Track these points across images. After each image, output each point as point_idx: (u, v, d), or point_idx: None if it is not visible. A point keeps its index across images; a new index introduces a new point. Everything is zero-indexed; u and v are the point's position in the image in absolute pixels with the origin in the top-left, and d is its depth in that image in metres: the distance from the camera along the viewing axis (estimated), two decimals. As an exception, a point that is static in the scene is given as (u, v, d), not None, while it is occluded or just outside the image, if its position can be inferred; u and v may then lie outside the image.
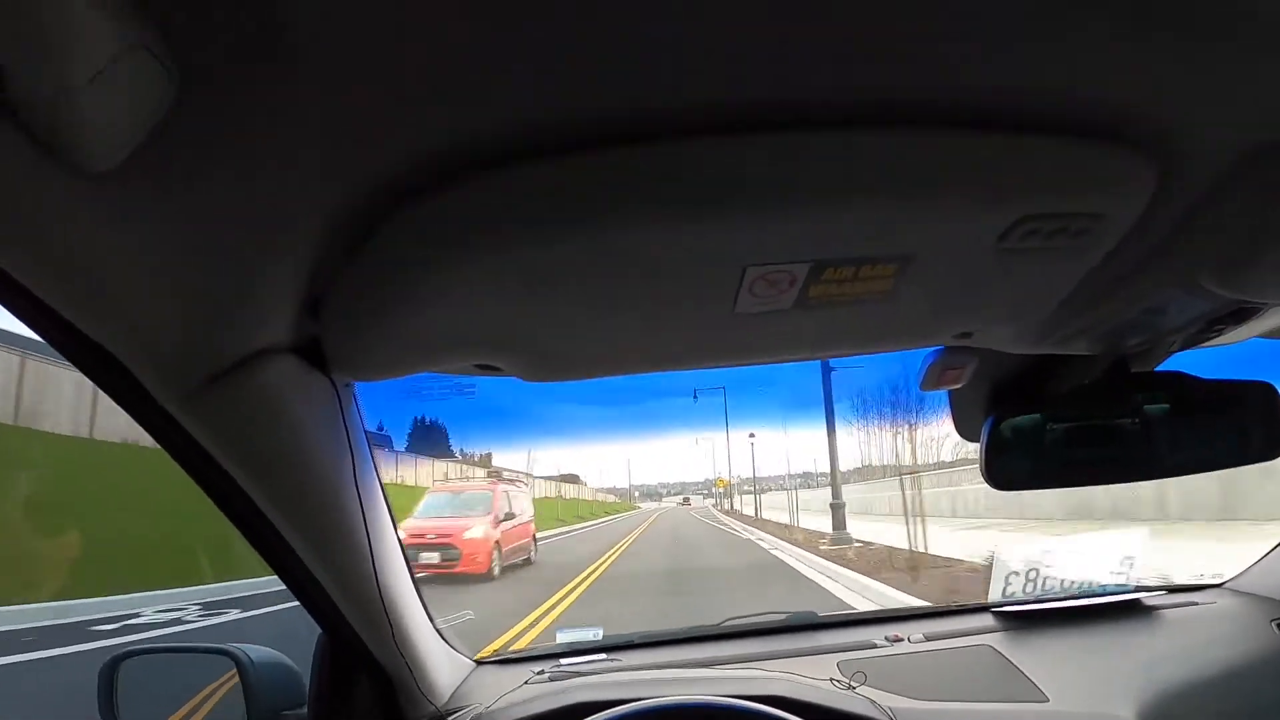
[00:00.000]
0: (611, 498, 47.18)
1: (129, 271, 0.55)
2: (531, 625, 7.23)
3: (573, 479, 41.08)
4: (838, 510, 13.03)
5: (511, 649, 1.89)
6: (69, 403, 12.39)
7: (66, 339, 0.61)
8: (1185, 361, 1.10)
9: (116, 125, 0.42)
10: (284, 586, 1.04)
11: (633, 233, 0.59)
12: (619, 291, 0.67)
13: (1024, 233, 0.64)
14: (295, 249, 0.60)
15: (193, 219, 0.53)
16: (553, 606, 8.31)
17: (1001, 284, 0.74)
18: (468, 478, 20.88)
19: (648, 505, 46.06)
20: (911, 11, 0.46)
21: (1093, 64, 0.52)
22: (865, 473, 23.35)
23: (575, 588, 9.91)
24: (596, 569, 12.08)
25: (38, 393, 12.05)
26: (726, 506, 35.35)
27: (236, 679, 1.26)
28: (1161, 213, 0.66)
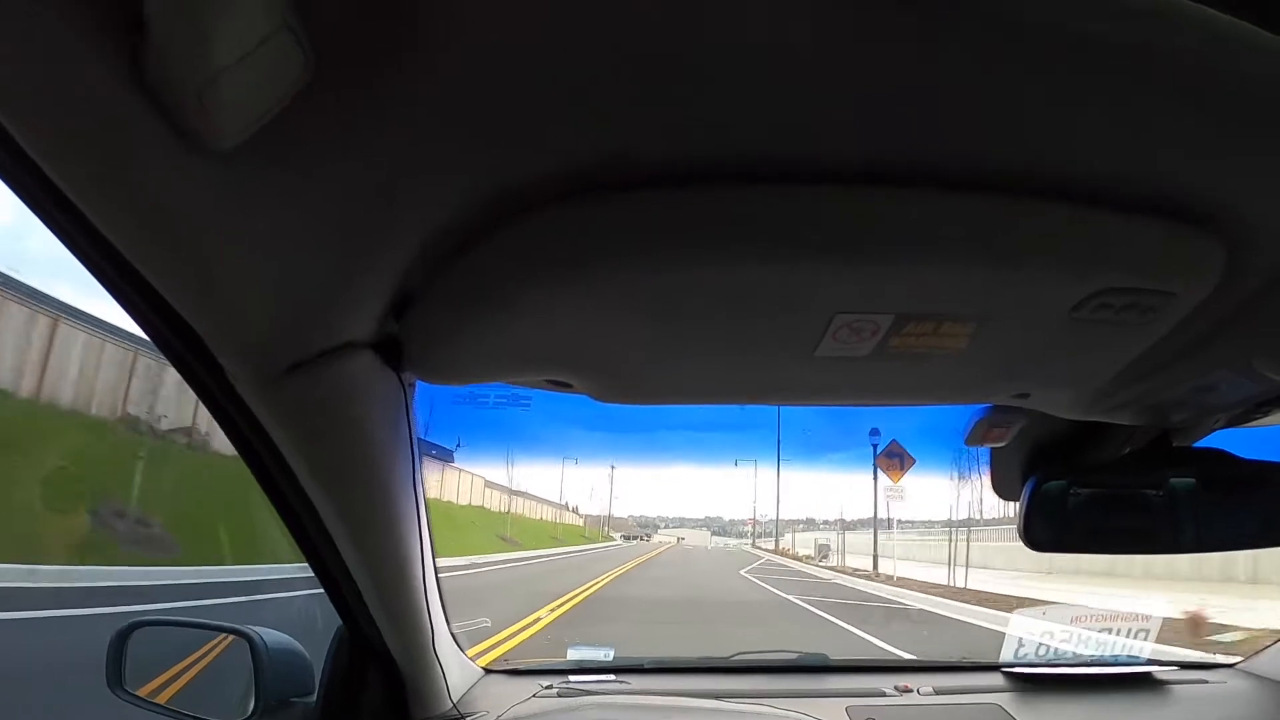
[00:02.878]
0: (577, 520, 41.15)
1: (234, 254, 0.55)
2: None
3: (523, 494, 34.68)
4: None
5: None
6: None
7: (152, 316, 0.62)
8: (1222, 437, 1.10)
9: (248, 107, 0.42)
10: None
11: (731, 271, 0.60)
12: (707, 326, 0.68)
13: (1097, 305, 0.65)
14: (396, 248, 0.61)
15: (305, 207, 0.54)
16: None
17: (1068, 351, 0.75)
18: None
19: (621, 545, 37.53)
20: (1010, 86, 0.48)
21: (1175, 150, 0.54)
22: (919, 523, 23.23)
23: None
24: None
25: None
26: (782, 546, 31.11)
27: (226, 647, 1.27)
28: (1226, 295, 0.68)
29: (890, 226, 0.58)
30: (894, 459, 15.97)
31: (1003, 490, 1.15)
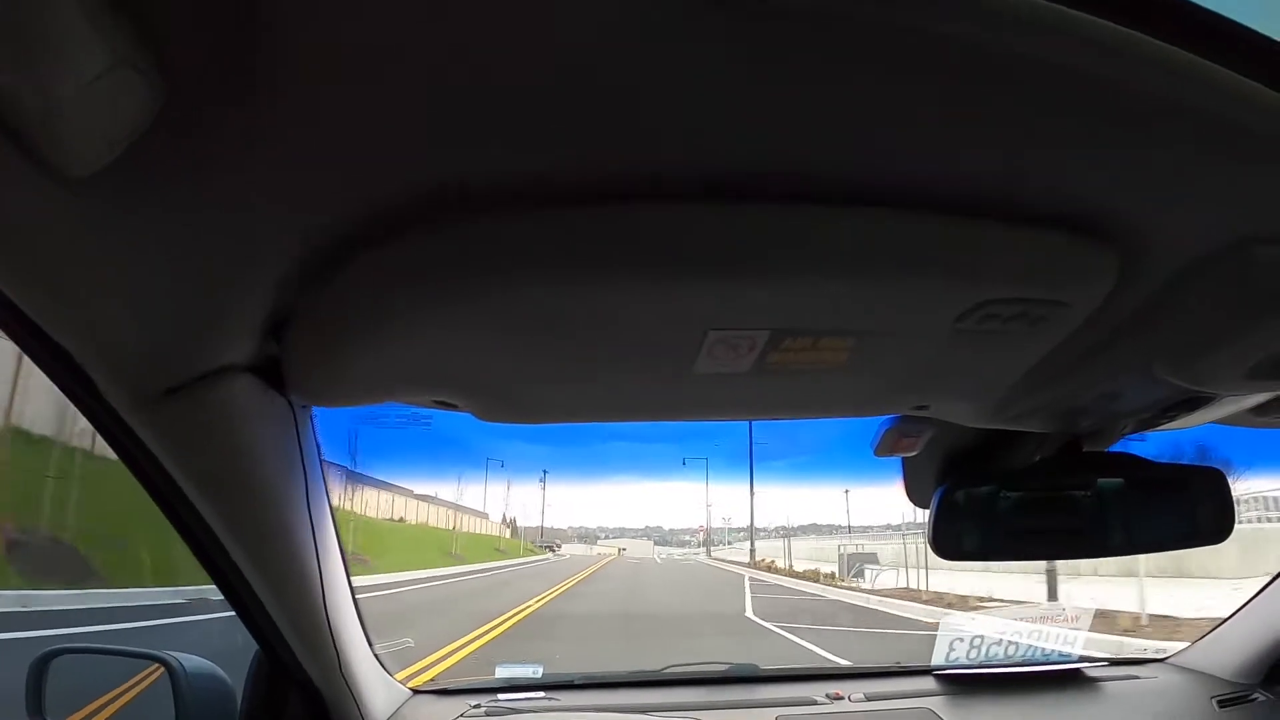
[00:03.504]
0: (499, 531, 37.82)
1: (96, 278, 0.55)
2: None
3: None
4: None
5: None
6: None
7: (30, 338, 0.60)
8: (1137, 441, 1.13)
9: (98, 134, 0.42)
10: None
11: (600, 289, 0.60)
12: (582, 344, 0.67)
13: (982, 316, 0.65)
14: (264, 271, 0.60)
15: (164, 232, 0.53)
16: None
17: (957, 364, 0.75)
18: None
19: (549, 558, 33.43)
20: (881, 99, 0.47)
21: (1059, 159, 0.53)
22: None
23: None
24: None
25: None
26: (763, 558, 25.05)
27: (155, 680, 1.23)
28: (1120, 303, 0.68)
29: (760, 241, 0.57)
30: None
31: (917, 498, 1.16)
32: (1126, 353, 0.79)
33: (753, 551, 27.42)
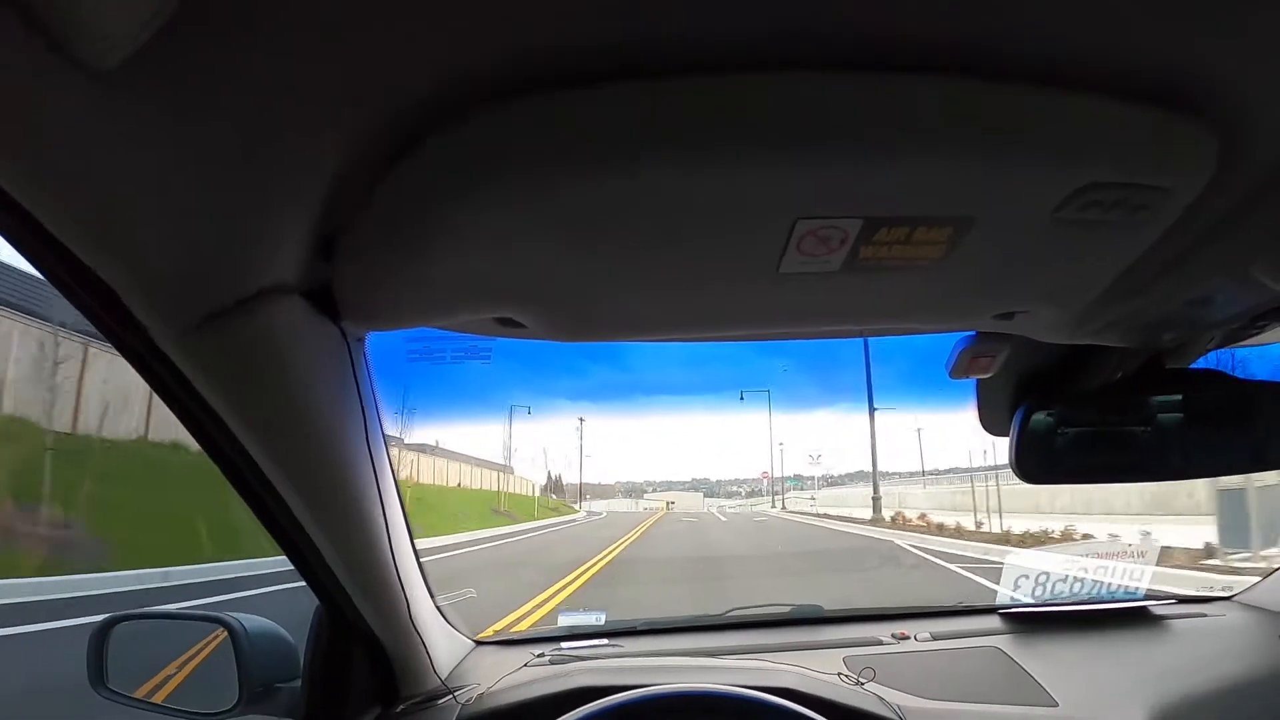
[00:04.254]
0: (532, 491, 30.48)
1: (128, 188, 0.51)
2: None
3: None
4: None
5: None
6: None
7: (57, 263, 0.57)
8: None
9: (123, 16, 0.39)
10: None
11: (675, 172, 0.55)
12: (658, 240, 0.63)
13: (1084, 203, 0.61)
14: (309, 179, 0.56)
15: (199, 133, 0.49)
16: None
17: (1054, 258, 0.71)
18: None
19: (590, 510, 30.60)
20: None
21: (1168, 29, 0.50)
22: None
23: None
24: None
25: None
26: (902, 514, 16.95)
27: (219, 644, 1.24)
28: (1221, 193, 0.64)
29: (849, 116, 0.53)
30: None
31: (990, 425, 1.12)
32: (1223, 252, 0.74)
33: (877, 501, 18.57)
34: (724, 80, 0.50)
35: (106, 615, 1.32)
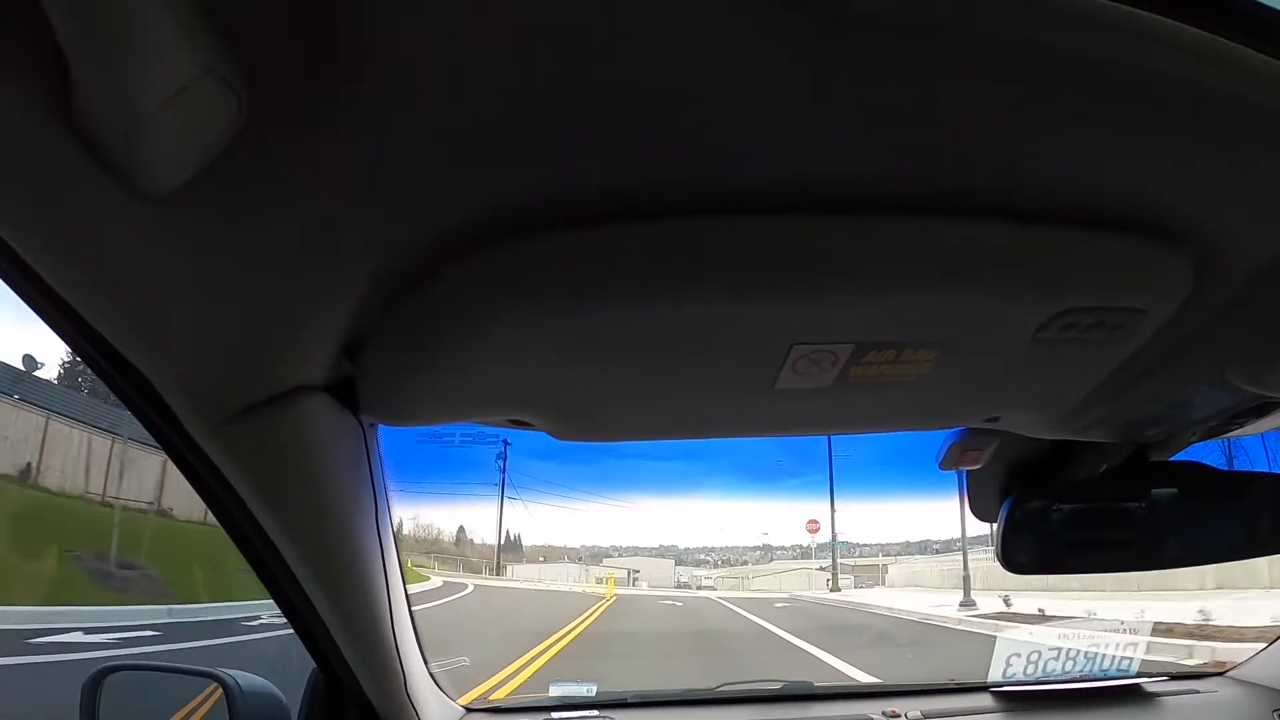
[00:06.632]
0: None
1: (177, 299, 0.55)
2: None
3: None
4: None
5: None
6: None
7: (107, 364, 0.61)
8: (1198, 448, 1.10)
9: (180, 150, 0.42)
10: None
11: (683, 305, 0.59)
12: (663, 362, 0.67)
13: (1062, 325, 0.65)
14: (343, 291, 0.60)
15: (245, 251, 0.53)
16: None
17: (1035, 373, 0.75)
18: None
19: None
20: (961, 103, 0.47)
21: (1136, 163, 0.53)
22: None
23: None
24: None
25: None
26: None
27: (216, 701, 1.24)
28: (1195, 309, 0.67)
29: (843, 255, 0.57)
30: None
31: (980, 512, 1.14)
32: (1199, 360, 0.78)
33: (967, 580, 13.25)
34: (721, 222, 0.55)
35: (99, 666, 1.33)
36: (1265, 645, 1.78)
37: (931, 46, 0.43)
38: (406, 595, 1.20)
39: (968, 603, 12.59)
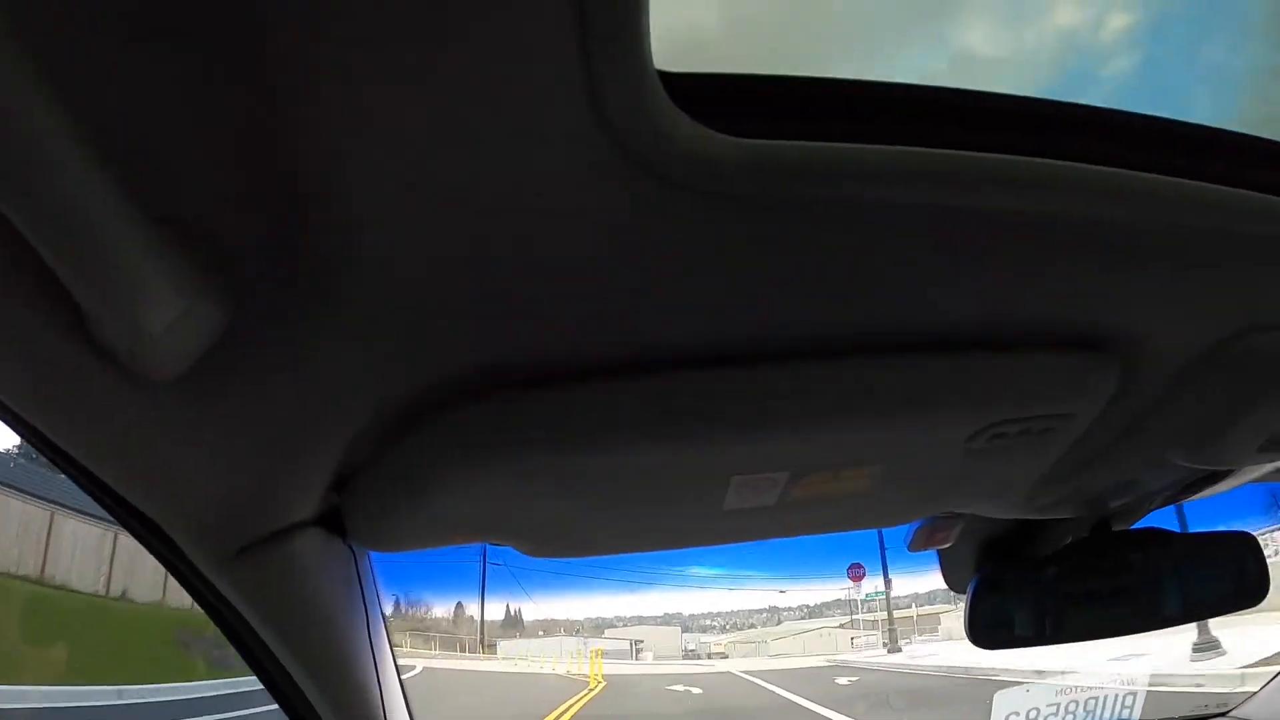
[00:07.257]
0: None
1: (177, 462, 0.61)
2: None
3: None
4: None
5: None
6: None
7: (120, 510, 0.67)
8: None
9: (176, 354, 0.47)
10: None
11: (635, 451, 0.65)
12: (624, 494, 0.73)
13: (990, 435, 0.69)
14: (332, 441, 0.65)
15: (240, 420, 0.59)
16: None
17: (973, 476, 0.78)
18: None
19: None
20: (868, 261, 0.52)
21: (1053, 292, 0.58)
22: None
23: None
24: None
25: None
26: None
27: None
28: (1125, 405, 0.71)
29: (773, 399, 0.62)
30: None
31: (955, 585, 1.17)
32: (1140, 445, 0.81)
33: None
34: (665, 378, 0.61)
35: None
36: (1263, 684, 1.79)
37: (822, 219, 0.48)
38: (405, 694, 1.23)
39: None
